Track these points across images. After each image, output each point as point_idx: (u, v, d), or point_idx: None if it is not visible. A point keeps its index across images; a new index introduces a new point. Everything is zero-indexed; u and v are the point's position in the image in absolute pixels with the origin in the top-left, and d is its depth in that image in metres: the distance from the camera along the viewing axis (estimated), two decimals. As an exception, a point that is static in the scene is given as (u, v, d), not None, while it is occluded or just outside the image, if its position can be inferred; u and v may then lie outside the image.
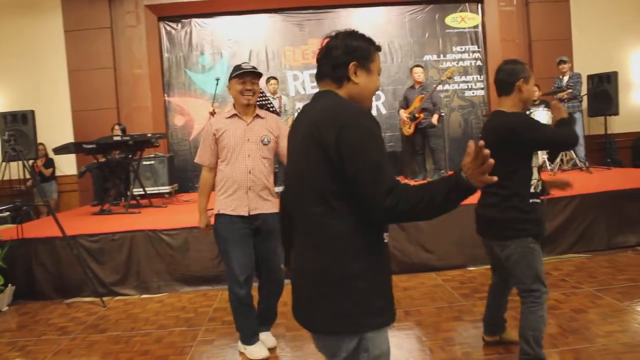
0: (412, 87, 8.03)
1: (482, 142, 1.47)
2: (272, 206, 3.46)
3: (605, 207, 5.60)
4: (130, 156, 7.14)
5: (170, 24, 9.62)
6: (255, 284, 3.57)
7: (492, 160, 1.47)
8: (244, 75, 3.38)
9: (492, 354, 3.36)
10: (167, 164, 8.19)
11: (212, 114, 6.33)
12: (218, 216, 3.44)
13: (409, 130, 7.82)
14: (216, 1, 9.22)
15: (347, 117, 1.62)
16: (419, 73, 7.83)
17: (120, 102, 9.10)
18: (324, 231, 1.67)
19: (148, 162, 8.06)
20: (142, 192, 7.32)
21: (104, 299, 4.97)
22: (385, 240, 1.73)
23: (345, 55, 1.74)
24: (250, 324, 3.56)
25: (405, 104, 7.96)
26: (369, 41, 1.81)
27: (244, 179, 3.38)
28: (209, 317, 4.42)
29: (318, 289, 1.69)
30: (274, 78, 8.26)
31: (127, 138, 6.77)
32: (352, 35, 1.79)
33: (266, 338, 3.69)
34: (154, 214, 6.41)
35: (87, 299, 5.09)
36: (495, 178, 1.51)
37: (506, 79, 2.89)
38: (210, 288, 5.17)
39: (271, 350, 3.63)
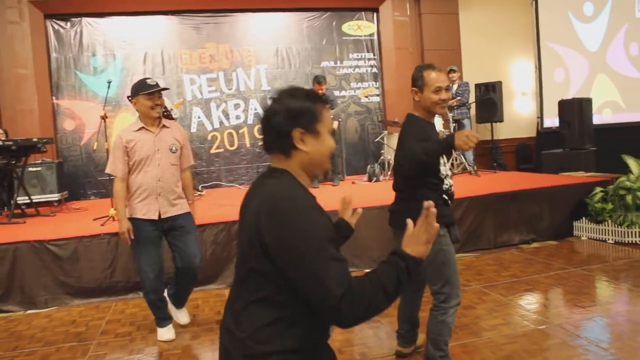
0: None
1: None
2: (180, 208, 3.84)
3: (492, 208, 5.96)
4: (13, 162, 6.67)
5: (59, 22, 9.06)
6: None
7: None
8: (153, 93, 3.67)
9: (388, 355, 3.46)
10: (55, 170, 7.72)
11: (104, 117, 6.08)
12: (130, 220, 3.71)
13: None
14: (109, 0, 8.84)
15: (285, 217, 1.46)
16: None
17: (2, 104, 8.45)
18: (255, 315, 1.54)
19: (34, 169, 7.55)
20: (28, 201, 6.87)
21: (-17, 316, 4.61)
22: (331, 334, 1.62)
23: (287, 122, 1.56)
24: (160, 312, 3.98)
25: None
26: (314, 98, 1.62)
27: (155, 186, 3.71)
28: (101, 331, 4.22)
29: None
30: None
31: (10, 143, 6.33)
32: (294, 94, 1.61)
33: (182, 315, 4.18)
34: (40, 224, 6.02)
35: (-36, 317, 4.70)
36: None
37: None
38: (103, 300, 4.94)
39: (185, 325, 4.17)
